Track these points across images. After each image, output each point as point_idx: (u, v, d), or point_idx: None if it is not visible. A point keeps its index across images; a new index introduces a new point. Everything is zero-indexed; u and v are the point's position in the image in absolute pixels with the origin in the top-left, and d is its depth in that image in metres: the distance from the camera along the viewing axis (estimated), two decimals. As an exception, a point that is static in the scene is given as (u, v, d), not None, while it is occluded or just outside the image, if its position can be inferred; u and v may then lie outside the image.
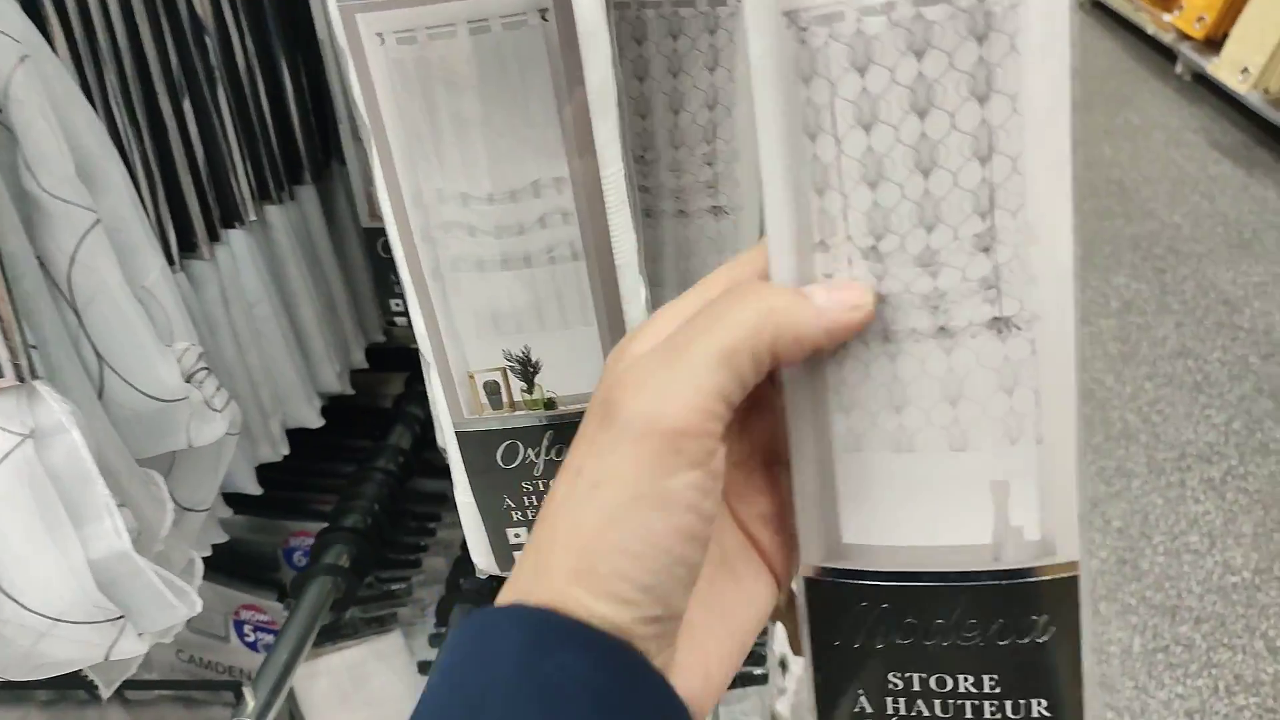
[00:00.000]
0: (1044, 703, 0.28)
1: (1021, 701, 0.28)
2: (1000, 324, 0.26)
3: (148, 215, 0.43)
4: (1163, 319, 2.05)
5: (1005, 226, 0.25)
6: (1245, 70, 2.46)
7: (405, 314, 0.55)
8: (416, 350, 0.76)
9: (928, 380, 0.26)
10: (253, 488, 0.53)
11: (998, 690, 0.27)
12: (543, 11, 0.32)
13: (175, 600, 0.36)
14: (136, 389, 0.39)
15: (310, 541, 0.66)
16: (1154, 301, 2.10)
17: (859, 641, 0.28)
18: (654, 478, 0.23)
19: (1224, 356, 1.93)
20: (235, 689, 0.48)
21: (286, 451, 0.58)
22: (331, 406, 0.63)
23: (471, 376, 0.38)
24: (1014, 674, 0.27)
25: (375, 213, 0.53)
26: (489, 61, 0.33)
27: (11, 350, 0.32)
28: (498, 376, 0.38)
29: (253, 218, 0.52)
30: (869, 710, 0.29)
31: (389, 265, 0.55)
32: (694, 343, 0.24)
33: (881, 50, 0.25)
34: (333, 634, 0.57)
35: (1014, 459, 0.26)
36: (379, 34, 0.33)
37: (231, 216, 0.51)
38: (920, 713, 0.28)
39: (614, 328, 0.36)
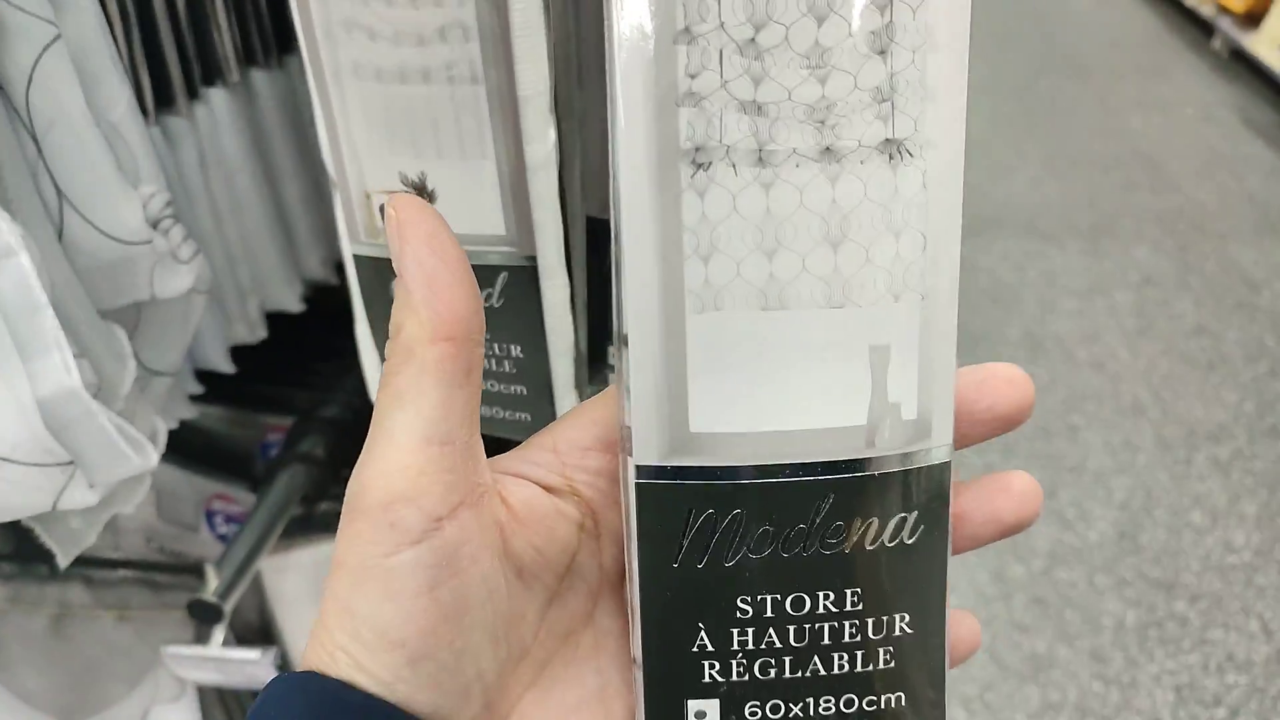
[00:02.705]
0: (907, 617, 0.23)
1: (885, 618, 0.23)
2: (892, 147, 0.21)
3: (120, 57, 0.40)
4: (1181, 295, 2.01)
5: (904, 25, 0.21)
6: (1285, 47, 2.39)
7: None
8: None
9: (807, 216, 0.21)
10: (226, 365, 0.51)
11: (860, 607, 0.23)
12: None
13: (129, 450, 0.34)
14: (97, 228, 0.36)
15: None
16: (1174, 278, 2.06)
17: (702, 560, 0.22)
18: (376, 557, 0.20)
19: (1240, 336, 1.90)
20: (200, 572, 0.46)
21: (264, 335, 0.55)
22: (316, 299, 0.60)
23: (368, 195, 0.35)
24: (879, 586, 0.23)
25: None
26: None
27: (-47, 158, 0.30)
28: None
29: (236, 79, 0.50)
30: (710, 647, 0.23)
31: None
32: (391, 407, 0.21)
33: None
34: (304, 527, 0.56)
35: (896, 319, 0.22)
36: None
37: (213, 74, 0.48)
38: (772, 643, 0.23)
39: (514, 167, 0.32)
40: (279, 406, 0.64)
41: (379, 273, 0.36)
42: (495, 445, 0.24)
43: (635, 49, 0.20)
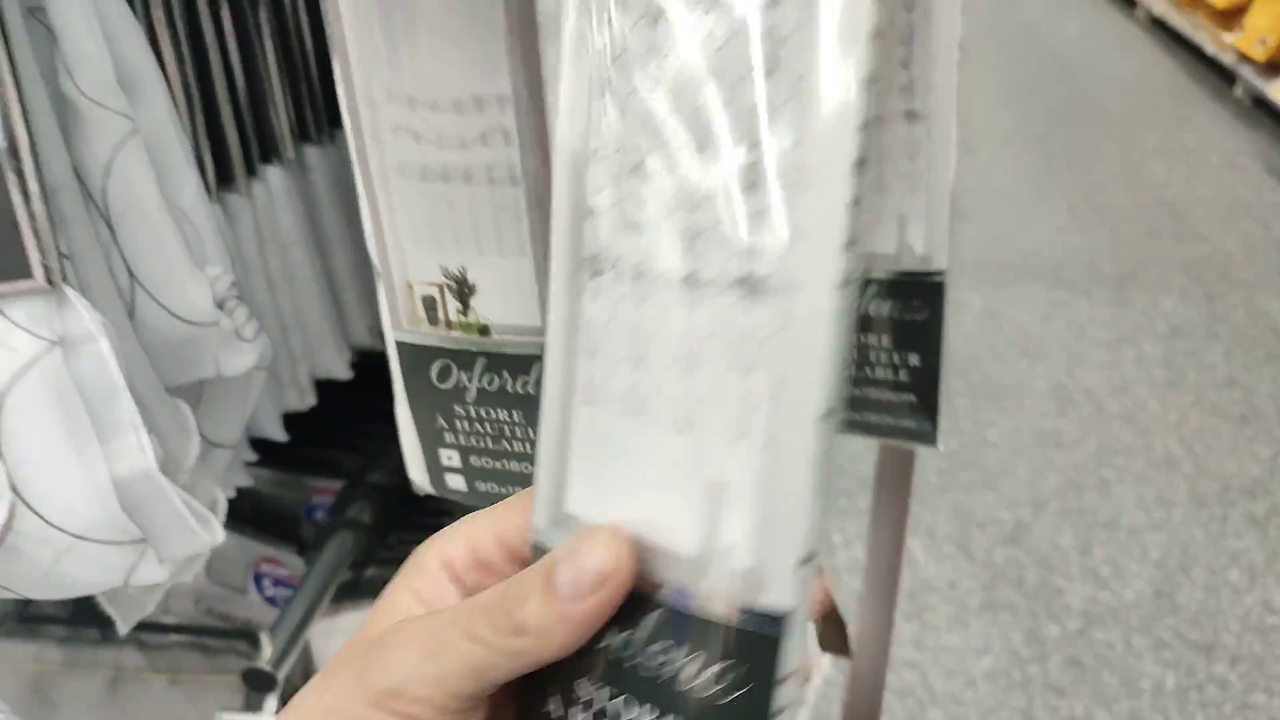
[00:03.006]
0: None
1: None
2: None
3: (186, 141, 0.42)
4: (1210, 346, 1.99)
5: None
6: (1309, 97, 2.40)
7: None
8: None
9: (665, 337, 0.22)
10: (278, 433, 0.52)
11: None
12: None
13: (198, 527, 0.35)
14: (167, 309, 0.37)
15: (332, 499, 0.65)
16: (1202, 328, 2.04)
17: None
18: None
19: (1273, 389, 1.88)
20: (252, 638, 0.47)
21: (314, 401, 0.56)
22: (361, 364, 0.61)
23: (410, 286, 0.37)
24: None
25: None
26: None
27: (42, 251, 0.31)
28: (435, 292, 0.37)
29: (291, 156, 0.51)
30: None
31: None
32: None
33: None
34: (352, 592, 0.56)
35: (736, 458, 0.21)
36: None
37: (270, 152, 0.50)
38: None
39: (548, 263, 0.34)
40: (324, 469, 0.65)
41: (420, 358, 0.38)
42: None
43: (564, 166, 0.23)
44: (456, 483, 0.41)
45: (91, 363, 0.33)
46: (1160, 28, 3.30)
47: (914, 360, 0.39)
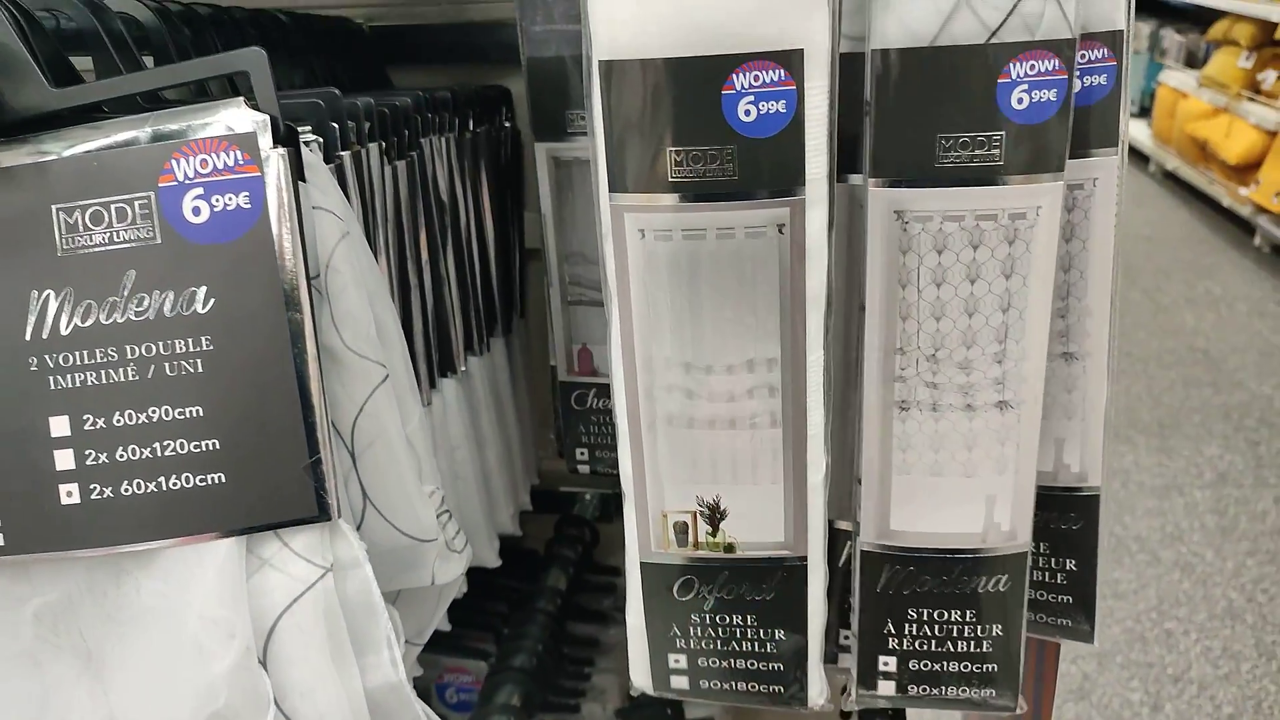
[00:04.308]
0: (1000, 628, 0.42)
1: (984, 628, 0.43)
2: (1002, 404, 0.41)
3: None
4: (1260, 493, 2.00)
5: (1011, 350, 0.39)
6: (1329, 247, 2.48)
7: (589, 462, 0.59)
8: (564, 494, 0.79)
9: (955, 435, 0.41)
10: (444, 625, 0.55)
11: (975, 623, 0.43)
12: (780, 226, 0.38)
13: (432, 733, 0.38)
14: (396, 528, 0.42)
15: (464, 677, 0.67)
16: (1250, 474, 2.06)
17: (891, 589, 0.43)
18: None
19: (1328, 535, 1.87)
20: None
21: (465, 591, 0.60)
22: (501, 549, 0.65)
23: (664, 515, 0.43)
24: (982, 610, 0.42)
25: (573, 369, 0.58)
26: (729, 261, 0.39)
27: (327, 489, 0.36)
28: (688, 519, 0.43)
29: (463, 368, 0.57)
30: (898, 647, 0.44)
31: (581, 416, 0.58)
32: None
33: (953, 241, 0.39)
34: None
35: (1000, 484, 0.42)
36: (640, 230, 0.38)
37: (447, 366, 0.56)
38: (924, 635, 0.43)
39: (797, 488, 0.42)
40: (453, 647, 0.68)
41: (665, 576, 0.43)
42: None
43: (873, 361, 0.41)
44: (680, 683, 0.45)
45: (357, 585, 0.37)
46: (1174, 181, 3.44)
47: (1071, 565, 0.43)
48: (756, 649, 0.44)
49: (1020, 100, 0.35)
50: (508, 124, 0.65)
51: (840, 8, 0.35)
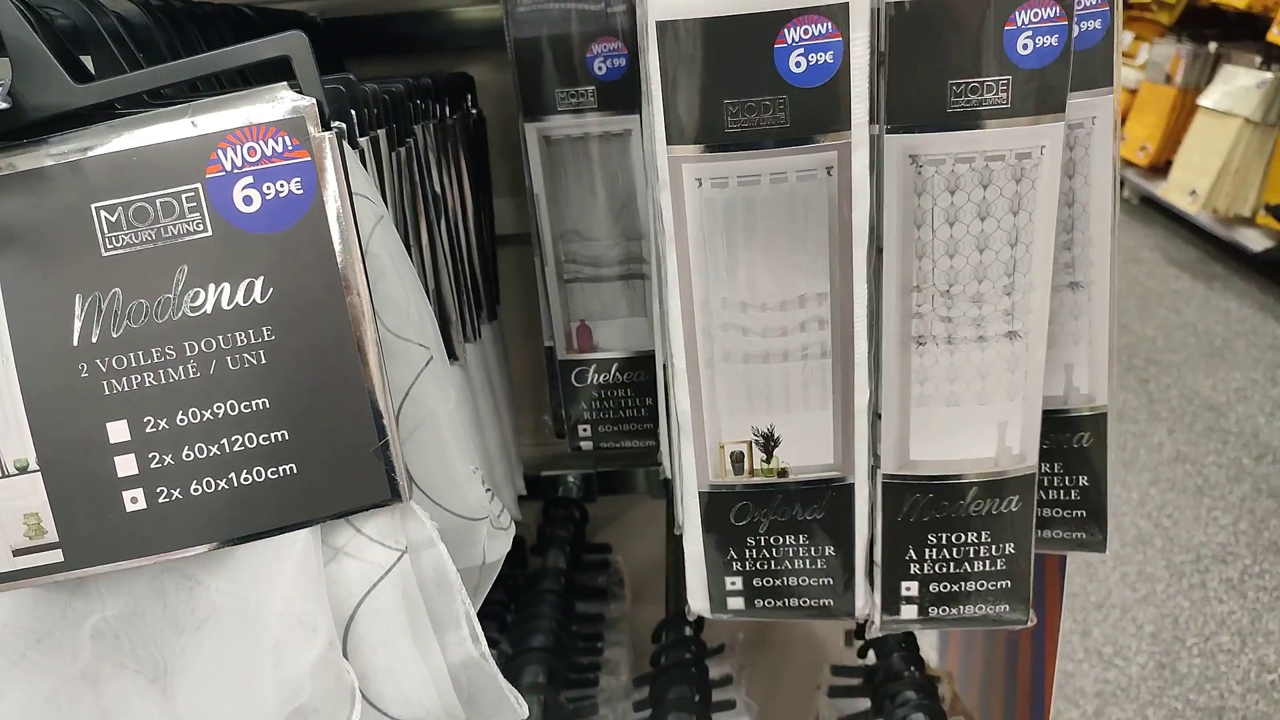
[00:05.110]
0: (1012, 546, 0.46)
1: (998, 547, 0.46)
2: (1011, 334, 0.43)
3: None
4: (1155, 426, 2.14)
5: (1019, 283, 0.42)
6: (1194, 192, 2.67)
7: (591, 438, 0.60)
8: (545, 478, 0.79)
9: (969, 366, 0.44)
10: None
11: (990, 543, 0.46)
12: (829, 169, 0.40)
13: (516, 705, 0.39)
14: (445, 509, 0.42)
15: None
16: (1144, 410, 2.20)
17: (913, 517, 0.46)
18: None
19: (1219, 460, 2.02)
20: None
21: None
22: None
23: (722, 446, 0.45)
24: (996, 531, 0.45)
25: (573, 346, 0.58)
26: (781, 203, 0.40)
27: (396, 470, 0.36)
28: (743, 448, 0.45)
29: (461, 356, 0.57)
30: (919, 572, 0.46)
31: (583, 393, 0.59)
32: None
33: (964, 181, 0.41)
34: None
35: (1012, 409, 0.44)
36: (698, 179, 0.40)
37: (451, 354, 0.56)
38: (943, 559, 0.46)
39: (845, 413, 0.45)
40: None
41: (723, 503, 0.46)
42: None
43: (891, 299, 0.43)
44: (736, 604, 0.48)
45: (432, 564, 0.37)
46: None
47: (1084, 480, 0.46)
48: (807, 566, 0.47)
49: (1025, 46, 0.38)
50: (474, 110, 0.65)
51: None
